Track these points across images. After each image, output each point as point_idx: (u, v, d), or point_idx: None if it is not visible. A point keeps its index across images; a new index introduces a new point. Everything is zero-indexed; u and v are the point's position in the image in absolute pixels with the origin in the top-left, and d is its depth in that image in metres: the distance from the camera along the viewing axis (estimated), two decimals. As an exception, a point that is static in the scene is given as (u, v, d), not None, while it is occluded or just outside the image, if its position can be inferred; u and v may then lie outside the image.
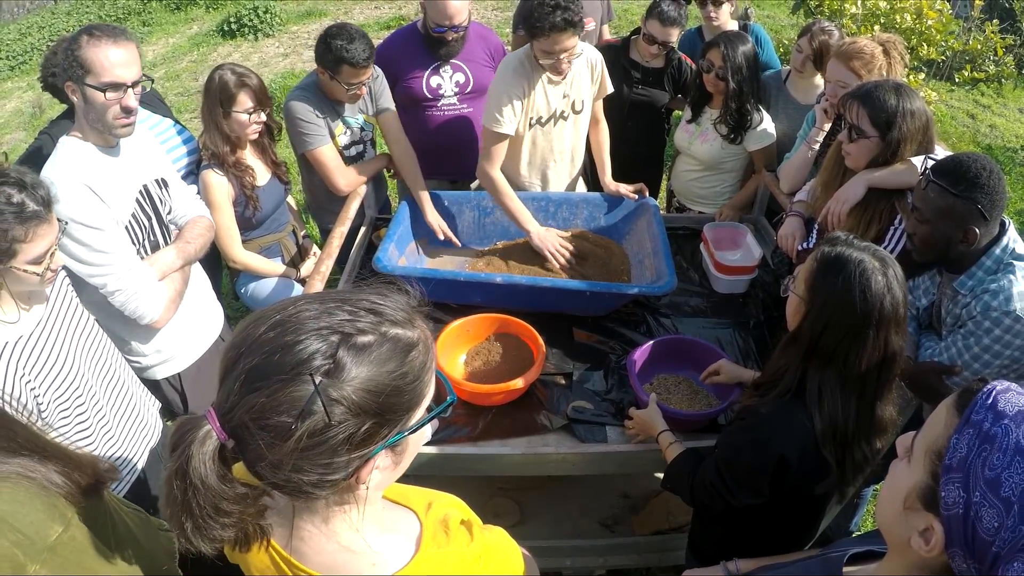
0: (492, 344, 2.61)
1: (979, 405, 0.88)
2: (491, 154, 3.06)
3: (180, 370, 2.61)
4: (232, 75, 2.75)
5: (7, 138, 7.74)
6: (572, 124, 3.22)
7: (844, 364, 1.57)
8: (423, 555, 1.04)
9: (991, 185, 1.87)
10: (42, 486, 1.40)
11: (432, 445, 2.23)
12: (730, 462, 1.73)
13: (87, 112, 2.14)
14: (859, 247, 1.58)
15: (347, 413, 0.89)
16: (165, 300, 2.34)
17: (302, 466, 0.90)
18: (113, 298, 2.21)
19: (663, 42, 3.60)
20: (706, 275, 3.10)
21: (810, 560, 1.27)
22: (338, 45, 2.85)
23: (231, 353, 0.93)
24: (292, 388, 0.87)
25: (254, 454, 0.90)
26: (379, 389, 0.91)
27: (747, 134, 3.33)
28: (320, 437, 0.88)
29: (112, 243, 2.16)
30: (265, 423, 0.88)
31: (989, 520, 0.83)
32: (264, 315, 0.95)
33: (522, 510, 2.92)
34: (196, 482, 0.88)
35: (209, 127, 2.80)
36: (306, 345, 0.89)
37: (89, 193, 2.11)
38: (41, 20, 10.99)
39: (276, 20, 9.99)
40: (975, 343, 1.98)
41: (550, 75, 2.96)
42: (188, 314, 2.55)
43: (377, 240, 3.18)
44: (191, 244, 2.48)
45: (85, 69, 2.06)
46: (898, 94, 2.24)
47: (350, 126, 3.25)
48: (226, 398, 0.91)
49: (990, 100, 7.87)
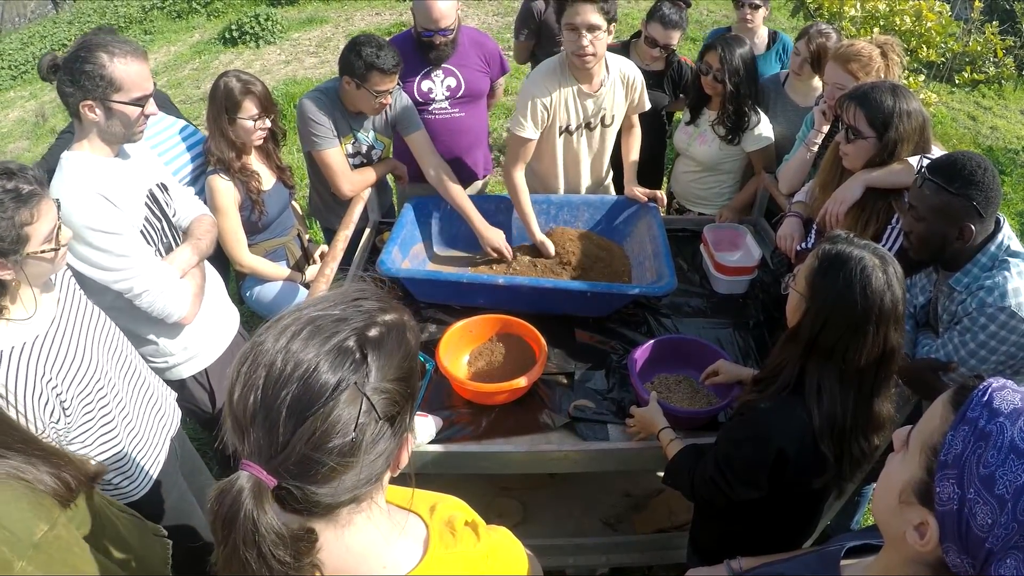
0: (495, 344, 2.63)
1: (975, 402, 0.89)
2: (514, 157, 3.09)
3: (207, 365, 2.63)
4: (237, 82, 2.78)
5: (10, 147, 7.76)
6: (599, 136, 3.24)
7: (843, 360, 1.59)
8: (432, 556, 1.04)
9: (986, 182, 1.89)
10: (30, 486, 1.42)
11: (436, 444, 2.26)
12: (729, 456, 1.75)
13: (108, 126, 2.15)
14: (859, 245, 1.60)
15: (389, 404, 0.93)
16: (190, 296, 2.37)
17: (369, 470, 0.93)
18: (140, 300, 2.23)
19: (664, 45, 3.62)
20: (706, 276, 3.12)
21: (808, 556, 1.29)
22: (369, 52, 2.91)
23: (249, 397, 0.88)
24: (342, 403, 0.88)
25: (321, 481, 0.89)
26: (404, 374, 0.95)
27: (744, 135, 3.35)
28: (376, 436, 0.92)
29: (132, 246, 2.19)
30: (328, 446, 0.87)
31: (983, 517, 0.84)
32: (261, 349, 0.91)
33: (525, 510, 2.94)
34: (269, 543, 0.84)
35: (215, 134, 2.83)
36: (333, 357, 0.89)
37: (103, 200, 2.13)
38: (43, 29, 11.06)
39: (277, 27, 10.03)
40: (971, 340, 2.00)
41: (577, 67, 2.93)
42: (208, 310, 2.58)
43: (381, 244, 3.20)
44: (202, 240, 2.52)
45: (115, 87, 2.08)
46: (895, 95, 2.26)
47: (360, 141, 3.28)
48: (268, 441, 0.87)
49: (991, 102, 7.90)
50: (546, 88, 2.97)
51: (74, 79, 2.06)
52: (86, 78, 2.06)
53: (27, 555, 1.35)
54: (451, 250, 3.35)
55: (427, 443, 2.25)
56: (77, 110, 2.10)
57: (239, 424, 0.90)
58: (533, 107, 2.97)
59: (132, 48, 2.15)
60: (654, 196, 3.25)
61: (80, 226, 2.05)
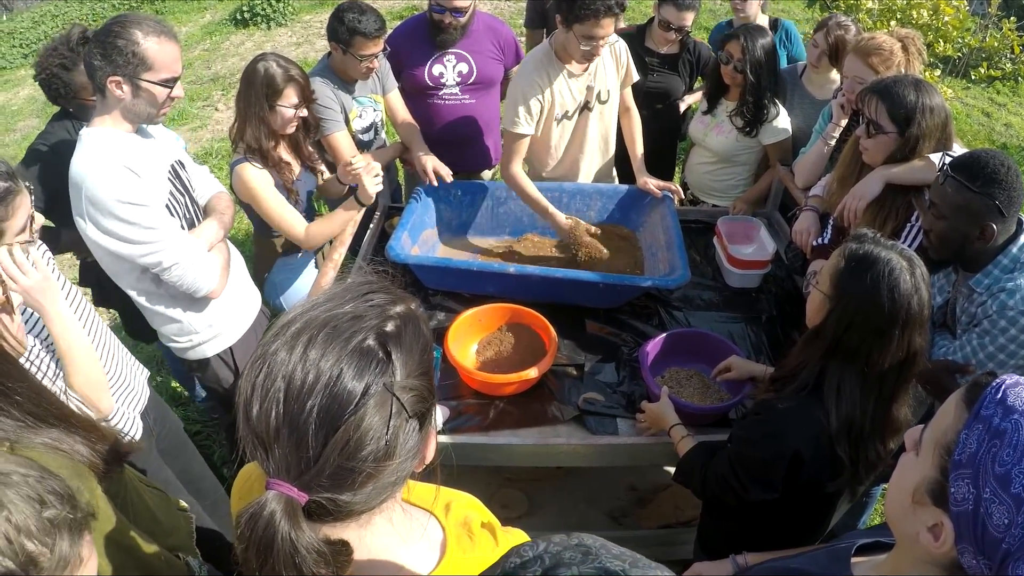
0: (504, 334, 2.61)
1: (988, 400, 0.88)
2: (511, 153, 3.07)
3: (232, 343, 2.61)
4: (278, 67, 2.67)
5: (21, 125, 7.78)
6: (598, 114, 3.20)
7: (866, 363, 1.57)
8: (450, 559, 1.02)
9: (1009, 181, 1.85)
10: (69, 456, 1.43)
11: (443, 435, 2.24)
12: (744, 456, 1.73)
13: (133, 104, 2.12)
14: (886, 245, 1.57)
15: (418, 401, 0.89)
16: (218, 269, 2.36)
17: (400, 470, 0.90)
18: (169, 273, 2.20)
19: (679, 27, 3.58)
20: (719, 269, 3.09)
21: (817, 552, 1.27)
22: (351, 17, 2.93)
23: (271, 412, 0.83)
24: (372, 407, 0.84)
25: (357, 488, 0.86)
26: (426, 368, 0.92)
27: (763, 127, 3.31)
28: (408, 435, 0.89)
29: (159, 219, 2.16)
30: (362, 454, 0.84)
31: (999, 517, 0.83)
32: (276, 359, 0.85)
33: (530, 501, 2.93)
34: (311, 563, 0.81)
35: (250, 120, 2.71)
36: (357, 360, 0.85)
37: (129, 173, 2.09)
38: (55, 8, 11.01)
39: (289, 9, 9.98)
40: (990, 342, 1.97)
41: (576, 63, 2.93)
42: (232, 288, 2.55)
43: (390, 228, 3.18)
44: (225, 215, 2.49)
45: (146, 65, 2.05)
46: (917, 90, 2.22)
47: (364, 106, 3.27)
48: (296, 457, 0.83)
49: (1006, 98, 7.81)
50: (536, 82, 2.95)
51: (105, 53, 2.03)
52: (117, 53, 2.02)
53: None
54: (462, 237, 3.32)
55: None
56: (104, 85, 2.07)
57: (261, 441, 0.85)
58: (526, 103, 2.95)
59: (166, 29, 2.12)
60: (668, 188, 3.20)
61: (107, 199, 2.03)
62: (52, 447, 1.41)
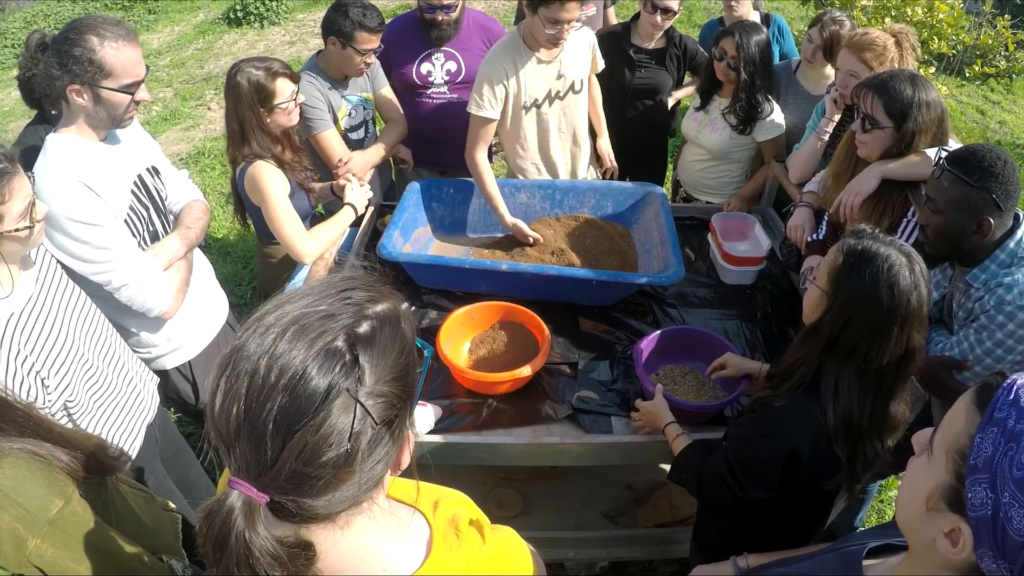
0: (497, 332, 2.58)
1: (1001, 402, 0.85)
2: (476, 139, 3.06)
3: (190, 358, 2.58)
4: (257, 70, 2.59)
5: (12, 126, 7.71)
6: (572, 104, 3.19)
7: (865, 360, 1.55)
8: (435, 558, 1.00)
9: (1006, 175, 1.84)
10: (46, 462, 1.42)
11: (436, 434, 2.22)
12: (740, 454, 1.71)
13: (95, 111, 2.08)
14: (885, 241, 1.55)
15: (386, 408, 0.86)
16: (172, 290, 2.31)
17: (367, 477, 0.87)
18: (120, 293, 2.17)
19: (665, 8, 3.55)
20: (714, 266, 3.08)
21: (827, 555, 1.24)
22: (355, 12, 2.96)
23: (231, 409, 0.82)
24: (334, 412, 0.81)
25: (316, 494, 0.84)
26: (400, 372, 0.89)
27: (757, 124, 3.30)
28: (373, 443, 0.86)
29: (112, 238, 2.12)
30: (321, 460, 0.81)
31: (1020, 520, 0.81)
32: (242, 354, 0.83)
33: (525, 501, 2.90)
34: (265, 565, 0.80)
35: (254, 132, 2.63)
36: (322, 362, 0.82)
37: (84, 190, 2.06)
38: (47, 8, 10.94)
39: (282, 8, 9.95)
40: (987, 338, 1.95)
41: (544, 49, 2.94)
42: (195, 301, 2.51)
43: (382, 226, 3.15)
44: (192, 229, 2.44)
45: (104, 72, 2.02)
46: (914, 84, 2.20)
47: (354, 105, 3.26)
48: (255, 457, 0.81)
49: (1000, 96, 7.82)
50: (502, 67, 2.95)
51: (62, 62, 1.98)
52: (74, 62, 1.98)
53: (42, 532, 1.36)
54: (455, 235, 3.30)
55: (426, 433, 2.21)
56: (64, 94, 2.03)
57: (223, 438, 0.83)
58: (491, 86, 2.95)
59: (124, 32, 2.07)
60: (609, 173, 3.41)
61: (60, 216, 1.99)
62: (30, 452, 1.39)
